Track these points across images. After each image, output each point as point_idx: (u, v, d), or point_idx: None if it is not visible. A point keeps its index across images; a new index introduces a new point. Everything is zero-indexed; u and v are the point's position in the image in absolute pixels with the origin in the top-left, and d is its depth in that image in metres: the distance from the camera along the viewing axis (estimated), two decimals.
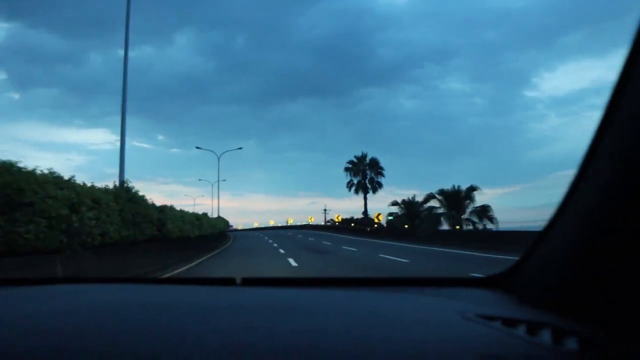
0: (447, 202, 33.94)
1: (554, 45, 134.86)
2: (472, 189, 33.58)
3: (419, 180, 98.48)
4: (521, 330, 0.75)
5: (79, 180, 8.00)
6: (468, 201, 33.32)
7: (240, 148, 50.98)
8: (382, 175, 56.48)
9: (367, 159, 57.11)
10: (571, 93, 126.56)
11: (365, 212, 56.30)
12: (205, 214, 27.28)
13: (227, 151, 50.34)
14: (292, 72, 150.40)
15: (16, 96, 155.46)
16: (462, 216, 33.52)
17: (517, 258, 1.08)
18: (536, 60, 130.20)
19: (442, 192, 34.44)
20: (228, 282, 1.34)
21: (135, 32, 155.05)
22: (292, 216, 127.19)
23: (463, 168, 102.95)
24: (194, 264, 13.71)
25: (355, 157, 57.61)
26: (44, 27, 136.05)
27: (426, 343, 0.70)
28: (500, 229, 28.72)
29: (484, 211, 32.50)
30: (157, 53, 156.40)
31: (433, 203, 35.55)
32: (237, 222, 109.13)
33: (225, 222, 46.78)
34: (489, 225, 31.51)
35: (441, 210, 34.66)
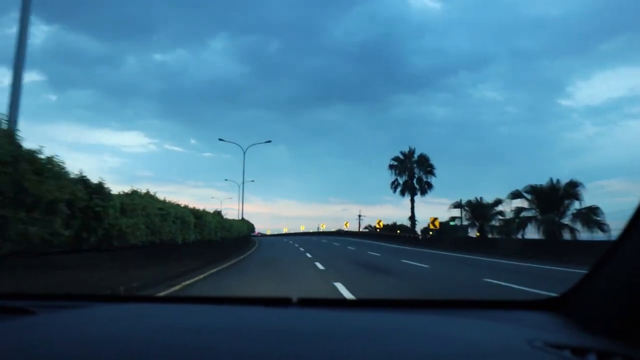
0: (539, 203, 25.02)
1: (591, 52, 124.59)
2: (573, 184, 24.47)
3: (451, 188, 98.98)
4: (591, 358, 0.76)
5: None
6: (568, 201, 24.32)
7: (269, 141, 44.35)
8: (432, 174, 48.72)
9: (415, 156, 49.49)
10: (607, 102, 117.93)
11: (412, 217, 48.62)
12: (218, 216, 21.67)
13: (254, 144, 44.64)
14: (325, 78, 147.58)
15: (53, 98, 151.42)
16: (561, 221, 24.59)
17: None
18: (572, 68, 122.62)
19: (532, 188, 25.44)
20: (284, 302, 1.28)
21: (171, 36, 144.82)
22: (323, 222, 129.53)
23: (495, 177, 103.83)
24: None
25: (401, 153, 50.06)
26: (83, 29, 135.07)
27: None
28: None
29: (590, 215, 23.40)
30: (191, 57, 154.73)
31: (519, 203, 26.53)
32: (268, 228, 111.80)
33: (250, 226, 41.81)
34: (598, 235, 22.17)
35: (530, 213, 25.84)
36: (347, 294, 8.21)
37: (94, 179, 7.05)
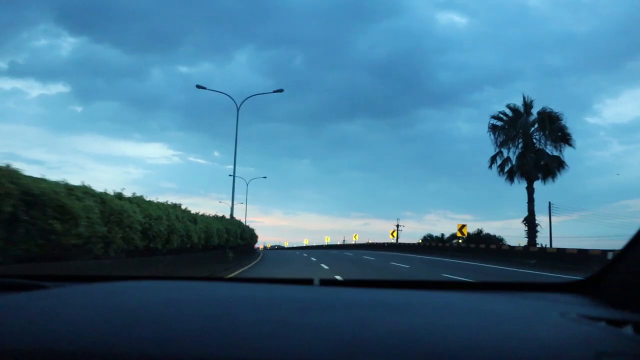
0: None
1: (620, 70, 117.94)
2: None
3: (476, 205, 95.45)
4: (628, 329, 0.77)
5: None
6: None
7: (281, 90, 27.49)
8: (568, 143, 28.72)
9: (535, 112, 29.67)
10: (636, 120, 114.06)
11: (531, 215, 28.77)
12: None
13: (253, 95, 27.75)
14: (349, 92, 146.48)
15: (79, 109, 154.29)
16: None
17: None
18: (599, 86, 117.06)
19: None
20: (306, 282, 1.36)
21: (196, 49, 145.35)
22: (345, 236, 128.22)
23: (521, 194, 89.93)
24: None
25: (509, 106, 30.50)
26: (109, 41, 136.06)
27: (538, 339, 0.70)
28: None
29: None
30: (216, 70, 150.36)
31: None
32: (287, 240, 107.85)
33: (250, 233, 30.00)
34: None
35: None
36: None
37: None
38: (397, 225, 60.82)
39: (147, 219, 9.39)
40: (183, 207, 13.38)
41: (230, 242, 19.25)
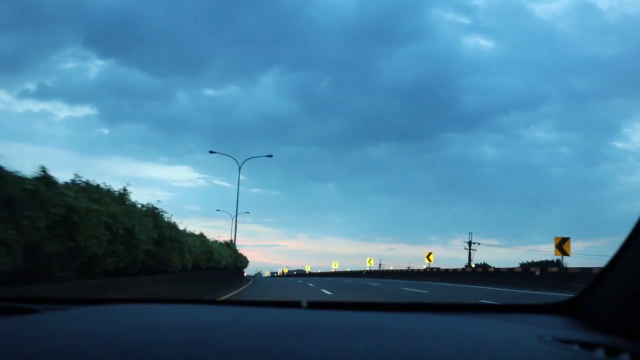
0: None
1: None
2: None
3: (501, 229, 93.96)
4: (599, 353, 0.79)
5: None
6: None
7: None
8: None
9: None
10: None
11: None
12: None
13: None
14: (375, 115, 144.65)
15: (106, 131, 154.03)
16: None
17: None
18: (628, 110, 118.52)
19: None
20: (294, 304, 1.35)
21: (222, 72, 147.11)
22: (373, 259, 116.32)
23: (547, 219, 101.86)
24: None
25: None
26: (136, 64, 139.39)
27: None
28: None
29: None
30: (242, 93, 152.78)
31: None
32: (310, 264, 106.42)
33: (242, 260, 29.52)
34: None
35: None
36: None
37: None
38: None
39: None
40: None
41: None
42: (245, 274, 37.26)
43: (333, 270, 72.24)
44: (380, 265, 69.32)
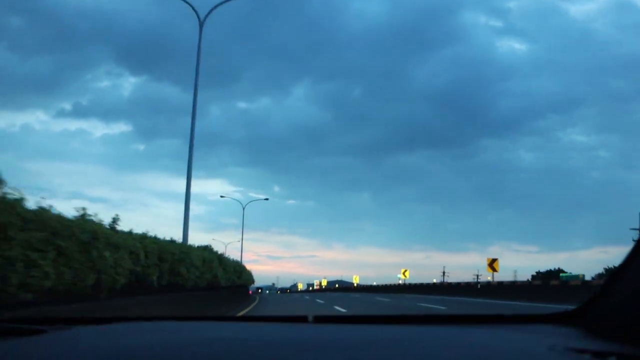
0: None
1: None
2: None
3: (539, 235, 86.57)
4: None
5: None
6: None
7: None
8: None
9: None
10: None
11: None
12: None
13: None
14: (409, 122, 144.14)
15: (141, 147, 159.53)
16: None
17: None
18: None
19: None
20: (301, 319, 1.35)
21: (254, 84, 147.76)
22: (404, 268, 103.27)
23: (585, 224, 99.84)
24: None
25: None
26: (168, 79, 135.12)
27: None
28: None
29: None
30: (274, 104, 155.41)
31: None
32: (345, 273, 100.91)
33: (248, 276, 27.43)
34: None
35: None
36: None
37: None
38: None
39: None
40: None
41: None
42: (259, 291, 36.82)
43: (400, 282, 47.90)
44: (444, 274, 57.93)
